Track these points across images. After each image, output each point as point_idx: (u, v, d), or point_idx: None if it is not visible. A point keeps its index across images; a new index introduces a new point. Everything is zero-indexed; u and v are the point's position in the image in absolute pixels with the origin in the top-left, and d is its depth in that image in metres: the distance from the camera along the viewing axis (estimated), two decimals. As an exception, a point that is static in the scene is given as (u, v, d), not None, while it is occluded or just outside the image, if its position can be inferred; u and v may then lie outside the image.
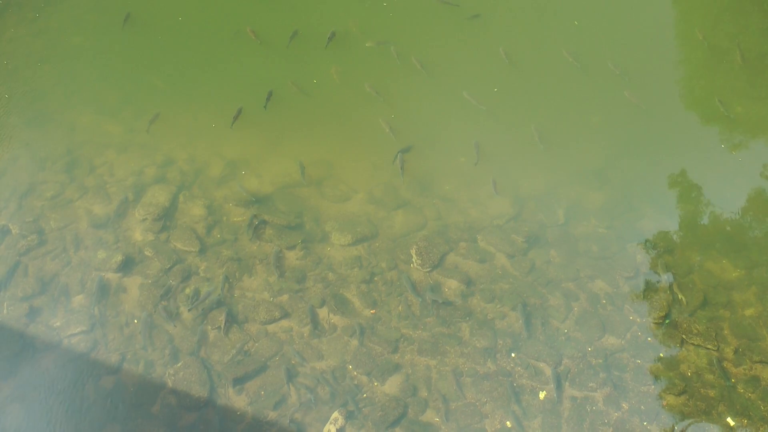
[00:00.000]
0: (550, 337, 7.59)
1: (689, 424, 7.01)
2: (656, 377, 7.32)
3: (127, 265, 7.90)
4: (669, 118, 9.85)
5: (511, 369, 7.34)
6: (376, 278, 8.01)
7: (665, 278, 7.99)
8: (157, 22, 10.58)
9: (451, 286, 7.98)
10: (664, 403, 7.14)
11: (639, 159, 9.31)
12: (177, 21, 10.61)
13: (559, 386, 7.17)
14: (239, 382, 7.08)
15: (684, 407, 7.11)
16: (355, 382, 7.16)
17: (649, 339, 7.61)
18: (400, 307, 7.74)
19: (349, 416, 6.89)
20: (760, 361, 7.46)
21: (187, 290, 7.74)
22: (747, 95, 10.08)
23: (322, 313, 7.70)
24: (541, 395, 7.16)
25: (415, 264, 8.14)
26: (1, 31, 10.38)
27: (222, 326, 7.41)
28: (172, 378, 7.04)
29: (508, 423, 6.95)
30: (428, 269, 8.08)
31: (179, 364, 7.15)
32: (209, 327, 7.47)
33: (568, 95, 9.99)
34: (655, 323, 7.73)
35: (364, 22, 10.65)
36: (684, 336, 7.61)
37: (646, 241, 8.47)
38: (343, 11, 10.82)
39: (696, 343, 7.55)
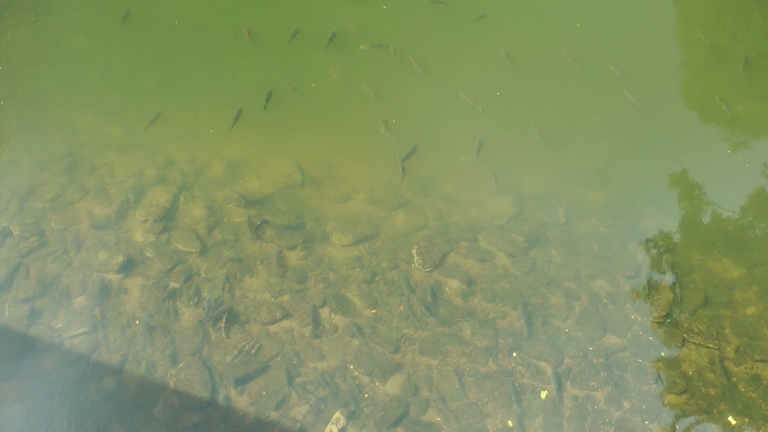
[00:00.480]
0: (552, 336, 7.60)
1: (691, 423, 7.01)
2: (657, 376, 7.32)
3: (128, 267, 7.90)
4: (670, 117, 9.86)
5: (513, 368, 7.35)
6: (377, 278, 8.02)
7: (669, 276, 8.00)
8: (157, 22, 10.57)
9: (452, 285, 7.99)
10: (666, 402, 7.15)
11: (640, 158, 9.31)
12: (178, 20, 10.59)
13: (559, 386, 7.18)
14: (241, 382, 7.09)
15: (685, 406, 7.12)
16: (357, 382, 7.16)
17: (650, 338, 7.62)
18: (401, 307, 7.75)
19: (350, 416, 6.89)
20: (761, 360, 7.47)
21: (190, 291, 7.75)
22: (748, 94, 10.08)
23: (324, 313, 7.71)
24: (543, 394, 7.16)
25: (416, 264, 8.14)
26: (1, 33, 10.38)
27: (222, 327, 7.41)
28: (174, 379, 7.04)
29: (509, 422, 6.96)
30: (429, 269, 8.09)
31: (181, 365, 7.15)
32: (210, 328, 7.46)
33: (569, 95, 10.00)
34: (656, 322, 7.74)
35: (364, 24, 10.63)
36: (685, 335, 7.62)
37: (647, 240, 8.48)
38: (344, 12, 10.80)
39: (697, 342, 7.56)
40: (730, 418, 7.05)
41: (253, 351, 7.32)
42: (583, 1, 11.32)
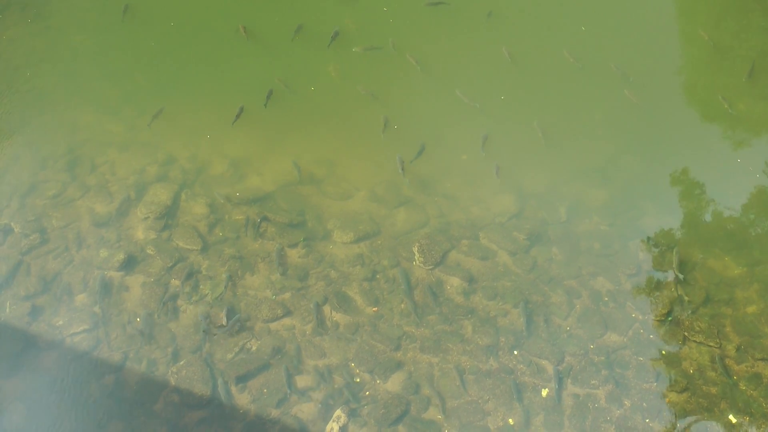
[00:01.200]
0: (553, 334, 7.60)
1: (691, 422, 7.02)
2: (658, 374, 7.32)
3: (129, 264, 7.90)
4: (671, 115, 9.86)
5: (514, 366, 7.35)
6: (378, 276, 8.02)
7: (677, 270, 8.00)
8: (158, 19, 10.57)
9: (454, 283, 7.99)
10: (667, 400, 7.15)
11: (641, 156, 9.32)
12: (178, 18, 10.59)
13: (559, 385, 7.18)
14: (242, 380, 7.09)
15: (686, 404, 7.12)
16: (358, 380, 7.16)
17: (651, 336, 7.62)
18: (402, 305, 7.75)
19: (351, 414, 6.89)
20: (762, 359, 7.47)
21: (190, 288, 7.76)
22: (749, 93, 10.08)
23: (325, 311, 7.70)
24: (544, 392, 7.17)
25: (417, 261, 8.15)
26: (2, 31, 10.38)
27: (224, 324, 7.41)
28: (175, 376, 7.05)
29: (510, 420, 6.96)
30: (430, 267, 8.09)
31: (182, 362, 7.15)
32: (212, 325, 7.47)
33: (571, 93, 9.99)
34: (657, 320, 7.74)
35: (364, 24, 10.61)
36: (686, 333, 7.62)
37: (648, 238, 8.49)
38: (344, 12, 10.79)
39: (698, 340, 7.56)
40: (731, 417, 7.05)
41: (247, 347, 7.33)
42: (586, 5, 11.26)
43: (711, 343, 7.53)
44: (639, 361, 7.42)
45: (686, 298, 7.84)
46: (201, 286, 7.78)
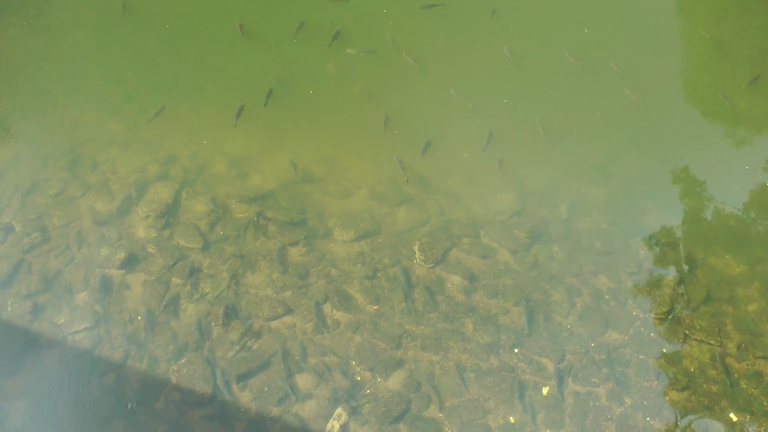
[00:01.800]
0: (553, 332, 7.60)
1: (692, 420, 7.02)
2: (659, 373, 7.32)
3: (130, 262, 7.91)
4: (672, 113, 9.85)
5: (514, 364, 7.35)
6: (379, 274, 8.02)
7: (683, 266, 8.00)
8: (158, 17, 10.56)
9: (454, 281, 7.99)
10: (667, 398, 7.15)
11: (642, 155, 9.32)
12: (179, 16, 10.59)
13: (560, 383, 7.18)
14: (243, 378, 7.09)
15: (687, 403, 7.13)
16: (359, 378, 7.17)
17: (652, 334, 7.62)
18: (403, 303, 7.75)
19: (352, 412, 6.90)
20: (763, 357, 7.47)
21: (187, 288, 7.77)
22: (750, 91, 10.07)
23: (326, 309, 7.71)
24: (544, 391, 7.17)
25: (417, 260, 8.15)
26: (2, 30, 10.38)
27: (222, 323, 7.42)
28: (176, 374, 7.05)
29: (511, 418, 6.97)
30: (431, 265, 8.09)
31: (183, 360, 7.16)
32: (212, 323, 7.47)
33: (572, 92, 9.99)
34: (658, 318, 7.74)
35: (364, 26, 10.60)
36: (687, 331, 7.62)
37: (649, 236, 8.48)
38: (344, 13, 10.78)
39: (699, 338, 7.57)
40: (732, 415, 7.05)
41: (248, 345, 7.33)
42: (588, 6, 11.23)
43: (712, 341, 7.53)
44: (640, 359, 7.42)
45: (686, 296, 7.84)
46: (202, 285, 7.79)
